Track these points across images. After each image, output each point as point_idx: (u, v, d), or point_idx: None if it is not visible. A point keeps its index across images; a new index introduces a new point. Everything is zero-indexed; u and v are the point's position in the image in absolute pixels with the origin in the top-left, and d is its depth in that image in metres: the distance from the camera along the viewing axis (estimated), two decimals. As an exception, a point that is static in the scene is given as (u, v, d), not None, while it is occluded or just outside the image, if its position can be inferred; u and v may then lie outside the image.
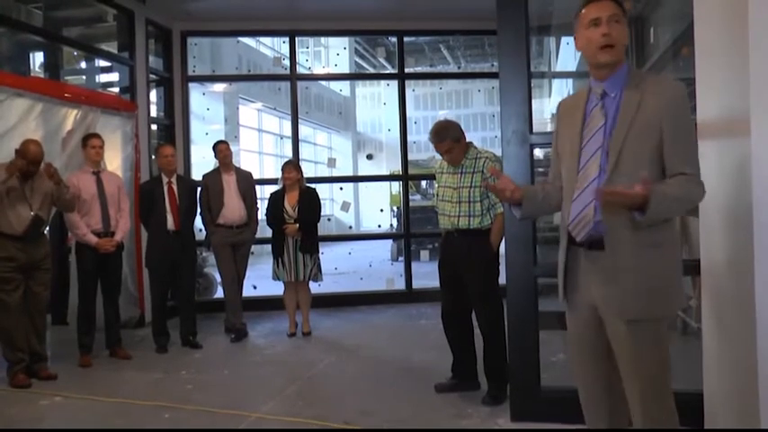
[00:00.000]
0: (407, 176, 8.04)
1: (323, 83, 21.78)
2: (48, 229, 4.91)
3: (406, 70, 8.11)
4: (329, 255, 6.83)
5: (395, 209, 14.73)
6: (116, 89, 7.05)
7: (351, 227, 16.40)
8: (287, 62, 7.85)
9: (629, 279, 2.15)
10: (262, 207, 6.25)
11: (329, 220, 16.62)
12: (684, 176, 2.11)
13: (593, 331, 2.29)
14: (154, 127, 7.12)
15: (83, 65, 8.06)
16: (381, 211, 14.02)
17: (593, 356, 2.32)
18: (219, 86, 14.79)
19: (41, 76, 6.84)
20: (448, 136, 3.95)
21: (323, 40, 18.96)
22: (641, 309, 2.16)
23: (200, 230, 6.30)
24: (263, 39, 17.53)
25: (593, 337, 2.30)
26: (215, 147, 6.07)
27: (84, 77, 8.10)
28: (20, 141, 4.56)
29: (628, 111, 2.17)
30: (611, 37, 2.15)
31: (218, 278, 6.44)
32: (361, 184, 16.74)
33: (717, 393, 2.88)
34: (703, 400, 2.98)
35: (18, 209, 4.48)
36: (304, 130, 17.20)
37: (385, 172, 19.28)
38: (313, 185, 6.13)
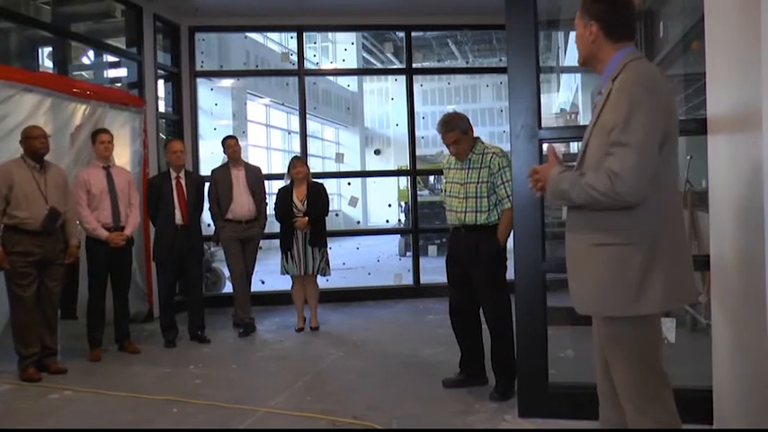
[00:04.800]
0: (415, 171, 8.04)
1: (331, 78, 21.78)
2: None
3: (414, 65, 8.07)
4: (337, 250, 6.83)
5: (403, 204, 14.74)
6: (121, 84, 7.06)
7: (359, 222, 16.43)
8: (294, 57, 7.84)
9: (572, 277, 2.25)
10: (270, 202, 6.26)
11: (337, 215, 16.69)
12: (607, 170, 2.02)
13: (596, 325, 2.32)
14: (162, 122, 7.14)
15: (91, 60, 8.08)
16: (389, 206, 14.02)
17: (599, 351, 2.34)
18: (227, 82, 14.83)
19: (50, 71, 6.87)
20: (456, 126, 3.94)
21: (330, 35, 19.00)
22: (587, 306, 2.22)
23: (209, 225, 6.30)
24: (270, 34, 17.54)
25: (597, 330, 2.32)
26: (224, 142, 6.07)
27: (92, 73, 8.13)
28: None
29: (600, 104, 2.18)
30: (577, 41, 2.23)
31: (227, 273, 6.46)
32: (369, 180, 16.77)
33: (726, 390, 2.87)
34: (712, 397, 2.97)
35: (33, 203, 4.46)
36: (312, 126, 17.20)
37: (393, 167, 19.33)
38: (321, 181, 6.14)
